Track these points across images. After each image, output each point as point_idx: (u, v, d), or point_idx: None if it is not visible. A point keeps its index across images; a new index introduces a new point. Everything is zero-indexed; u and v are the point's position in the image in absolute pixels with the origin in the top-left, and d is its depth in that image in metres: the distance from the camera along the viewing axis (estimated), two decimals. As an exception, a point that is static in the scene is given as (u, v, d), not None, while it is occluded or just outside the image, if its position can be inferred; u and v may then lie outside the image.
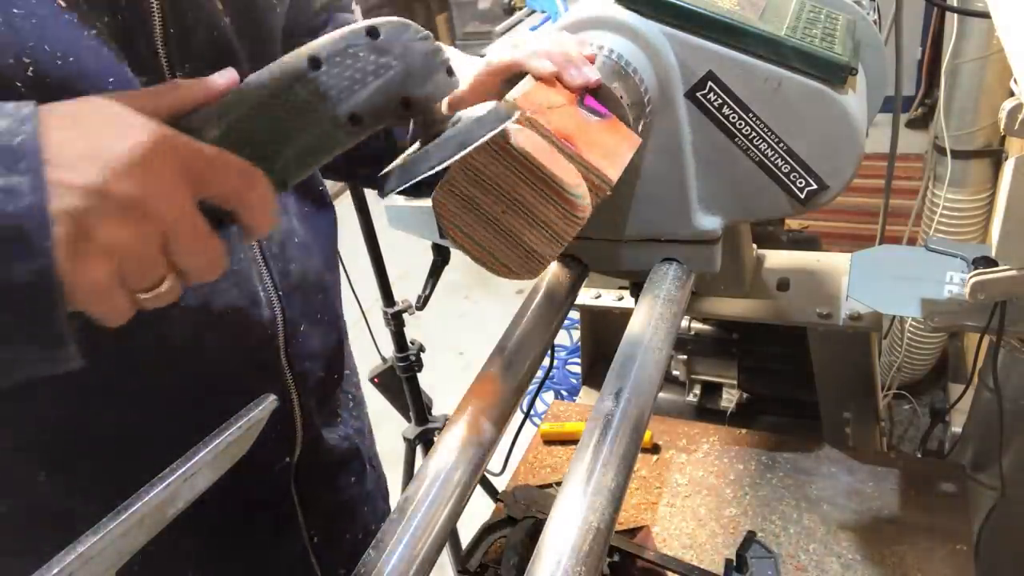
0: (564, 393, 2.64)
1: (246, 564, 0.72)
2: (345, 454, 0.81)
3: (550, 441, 1.23)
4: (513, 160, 0.54)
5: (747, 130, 0.69)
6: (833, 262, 1.13)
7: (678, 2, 0.66)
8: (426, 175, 0.51)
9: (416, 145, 0.57)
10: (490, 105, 0.52)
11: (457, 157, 0.50)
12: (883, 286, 0.84)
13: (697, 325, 1.29)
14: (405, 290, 1.62)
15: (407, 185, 0.52)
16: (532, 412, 1.06)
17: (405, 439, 1.76)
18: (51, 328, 0.38)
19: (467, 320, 3.21)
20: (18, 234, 0.35)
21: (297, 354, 0.70)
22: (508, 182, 0.55)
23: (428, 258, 1.09)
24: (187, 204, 0.41)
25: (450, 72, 0.52)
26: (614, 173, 0.59)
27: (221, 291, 0.62)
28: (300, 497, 0.74)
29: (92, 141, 0.38)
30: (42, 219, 0.36)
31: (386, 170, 0.54)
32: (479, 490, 1.05)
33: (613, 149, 0.60)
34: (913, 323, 2.09)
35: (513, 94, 0.57)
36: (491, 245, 0.57)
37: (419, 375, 1.73)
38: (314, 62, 0.46)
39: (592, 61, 0.63)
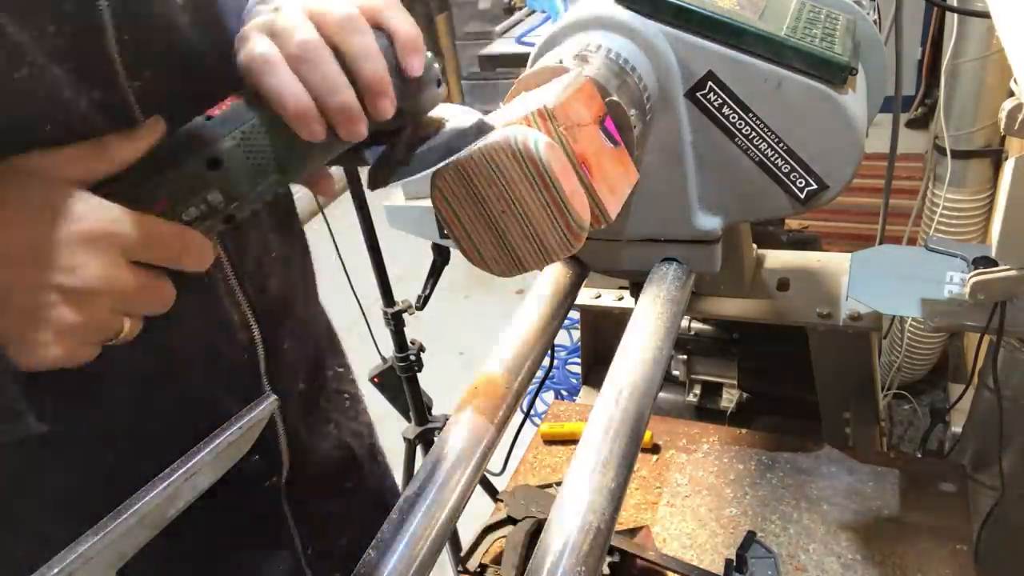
0: (564, 393, 2.64)
1: None
2: (339, 463, 0.79)
3: (550, 441, 1.23)
4: (535, 171, 0.53)
5: (747, 130, 0.69)
6: (833, 262, 1.13)
7: (678, 2, 0.66)
8: (422, 174, 0.54)
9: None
10: (473, 118, 0.55)
11: (444, 163, 0.53)
12: (883, 286, 0.84)
13: (697, 325, 1.29)
14: (405, 290, 1.62)
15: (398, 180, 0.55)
16: (532, 412, 1.06)
17: (405, 439, 1.76)
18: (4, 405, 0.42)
19: (467, 320, 3.21)
20: None
21: (277, 372, 0.68)
22: (520, 189, 0.54)
23: (428, 258, 1.09)
24: (128, 274, 0.44)
25: (439, 83, 0.55)
26: (614, 210, 0.59)
27: (187, 323, 0.59)
28: (293, 512, 0.73)
29: (29, 238, 0.41)
30: None
31: (378, 166, 0.56)
32: (479, 490, 1.05)
33: (617, 183, 0.60)
34: (913, 323, 2.09)
35: (546, 99, 0.56)
36: (479, 239, 0.57)
37: (419, 375, 1.73)
38: None
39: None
